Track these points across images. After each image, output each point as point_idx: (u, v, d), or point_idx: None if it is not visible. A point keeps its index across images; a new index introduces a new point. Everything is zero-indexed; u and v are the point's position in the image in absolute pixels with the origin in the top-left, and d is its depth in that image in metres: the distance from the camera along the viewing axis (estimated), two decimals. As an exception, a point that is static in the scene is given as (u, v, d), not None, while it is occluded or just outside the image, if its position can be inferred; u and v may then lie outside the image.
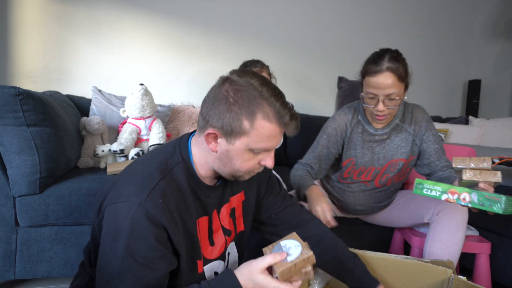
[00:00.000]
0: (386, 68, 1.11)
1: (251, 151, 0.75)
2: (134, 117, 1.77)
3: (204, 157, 0.79)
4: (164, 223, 0.70)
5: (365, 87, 1.19)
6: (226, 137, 0.73)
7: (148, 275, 0.68)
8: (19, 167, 1.24)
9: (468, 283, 0.88)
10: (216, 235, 0.87)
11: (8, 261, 1.29)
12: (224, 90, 0.73)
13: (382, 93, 1.14)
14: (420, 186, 1.02)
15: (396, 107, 1.17)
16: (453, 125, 2.47)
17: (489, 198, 0.87)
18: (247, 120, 0.71)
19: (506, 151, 1.86)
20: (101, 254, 0.72)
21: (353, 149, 1.32)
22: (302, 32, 2.68)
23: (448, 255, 1.17)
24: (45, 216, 1.29)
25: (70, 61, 2.18)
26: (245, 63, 1.64)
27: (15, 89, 1.20)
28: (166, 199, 0.72)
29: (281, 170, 2.06)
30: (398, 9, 2.93)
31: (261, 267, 0.71)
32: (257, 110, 0.71)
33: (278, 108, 0.72)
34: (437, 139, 1.30)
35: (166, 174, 0.75)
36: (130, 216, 0.68)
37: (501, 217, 1.50)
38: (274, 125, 0.73)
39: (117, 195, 0.72)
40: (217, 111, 0.72)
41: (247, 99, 0.71)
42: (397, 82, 1.12)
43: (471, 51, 3.20)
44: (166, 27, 2.36)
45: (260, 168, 0.81)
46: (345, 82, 2.54)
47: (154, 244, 0.69)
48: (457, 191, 0.94)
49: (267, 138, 0.74)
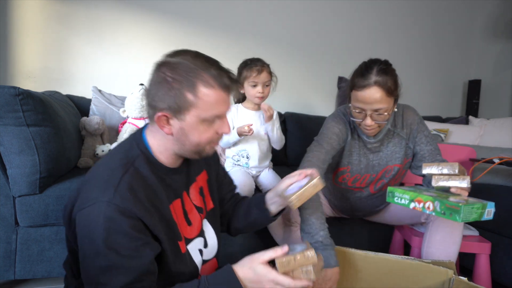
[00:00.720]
0: (373, 82, 1.06)
1: (205, 122, 0.77)
2: (134, 117, 1.77)
3: (163, 144, 0.81)
4: (137, 213, 0.71)
5: (352, 101, 1.14)
6: (176, 115, 0.75)
7: (136, 263, 0.69)
8: (19, 167, 1.24)
9: (469, 284, 0.88)
10: (191, 214, 0.90)
11: (8, 261, 1.29)
12: (161, 73, 0.75)
13: (370, 107, 1.09)
14: (391, 195, 1.03)
15: (384, 122, 1.13)
16: (453, 125, 2.47)
17: (450, 207, 0.88)
18: (189, 93, 0.74)
19: (506, 151, 1.86)
20: (83, 260, 0.72)
21: (351, 156, 1.28)
22: (302, 32, 2.68)
23: (446, 255, 1.17)
24: (45, 216, 1.29)
25: (70, 61, 2.18)
26: (245, 62, 1.63)
27: (15, 89, 1.20)
28: (134, 191, 0.73)
29: (281, 170, 2.06)
30: (398, 9, 2.93)
31: (262, 258, 0.73)
32: (196, 80, 0.74)
33: (215, 73, 0.75)
34: (430, 140, 1.26)
35: (128, 168, 0.76)
36: (102, 215, 0.68)
37: (501, 217, 1.50)
38: (217, 90, 0.76)
39: (84, 200, 0.72)
40: (160, 94, 0.75)
41: (184, 73, 0.74)
42: (385, 97, 1.07)
43: (471, 51, 3.20)
44: (166, 27, 2.36)
45: (220, 138, 0.84)
46: (345, 82, 2.54)
47: (133, 234, 0.70)
48: (423, 200, 0.95)
49: (215, 105, 0.76)
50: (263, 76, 1.57)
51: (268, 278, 0.72)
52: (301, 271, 0.75)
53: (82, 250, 0.72)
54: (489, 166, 1.64)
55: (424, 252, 1.22)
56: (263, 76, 1.57)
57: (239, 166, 1.69)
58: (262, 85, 1.58)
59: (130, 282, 0.69)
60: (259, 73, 1.57)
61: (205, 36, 2.44)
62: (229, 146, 1.69)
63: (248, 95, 1.65)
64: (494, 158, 1.58)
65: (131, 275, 0.69)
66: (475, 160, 1.66)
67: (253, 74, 1.56)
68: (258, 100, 1.64)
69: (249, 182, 1.57)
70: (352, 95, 1.13)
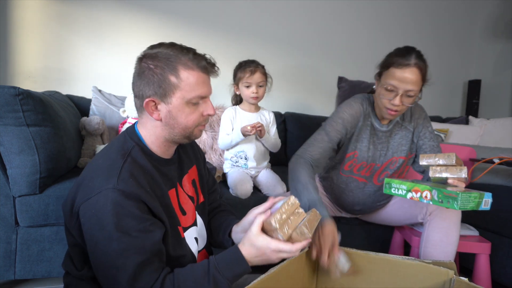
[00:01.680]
0: (414, 64, 1.11)
1: (190, 104, 0.82)
2: (134, 117, 1.77)
3: (153, 133, 0.85)
4: (142, 197, 0.74)
5: (386, 79, 1.16)
6: (163, 99, 0.80)
7: (147, 242, 0.72)
8: (19, 167, 1.24)
9: (470, 284, 0.88)
10: (185, 204, 0.93)
11: (8, 261, 1.29)
12: (143, 63, 0.80)
13: (404, 87, 1.12)
14: (388, 186, 1.03)
15: (409, 105, 1.17)
16: (453, 125, 2.47)
17: (447, 195, 0.88)
18: (172, 76, 0.79)
19: (506, 151, 1.86)
20: (94, 248, 0.73)
21: (360, 141, 1.29)
22: (302, 32, 2.68)
23: (443, 255, 1.17)
24: (45, 216, 1.29)
25: (70, 61, 2.18)
26: (240, 63, 1.69)
27: (15, 89, 1.19)
28: (136, 177, 0.76)
29: (281, 170, 2.06)
30: (398, 9, 2.93)
31: (255, 230, 0.77)
32: (177, 64, 0.79)
33: (193, 57, 0.80)
34: (434, 136, 1.30)
35: (126, 157, 0.79)
36: (109, 202, 0.71)
37: (501, 217, 1.50)
38: (197, 71, 0.81)
39: (88, 191, 0.74)
40: (145, 83, 0.80)
41: (164, 59, 0.79)
42: (419, 80, 1.13)
43: (471, 51, 3.20)
44: (166, 27, 2.36)
45: (206, 120, 0.88)
46: (345, 82, 2.54)
47: (141, 215, 0.73)
48: (420, 189, 0.94)
49: (196, 85, 0.81)
50: (256, 76, 1.61)
51: (270, 248, 0.75)
52: (297, 234, 0.77)
53: (92, 239, 0.73)
54: (489, 166, 1.64)
55: (422, 253, 1.22)
56: (256, 76, 1.61)
57: (238, 167, 1.70)
58: (255, 85, 1.62)
59: (143, 261, 0.71)
60: (252, 74, 1.61)
61: (205, 36, 2.44)
62: (229, 148, 1.70)
63: (243, 96, 1.68)
64: (494, 158, 1.58)
65: (144, 255, 0.71)
66: (475, 160, 1.66)
67: (246, 75, 1.61)
68: (253, 101, 1.66)
69: (248, 182, 1.58)
70: (389, 72, 1.15)
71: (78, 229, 0.77)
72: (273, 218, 0.75)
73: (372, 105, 1.30)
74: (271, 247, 0.75)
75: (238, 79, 1.65)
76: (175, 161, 0.93)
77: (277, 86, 1.74)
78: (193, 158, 1.03)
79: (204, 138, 1.94)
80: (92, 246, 0.74)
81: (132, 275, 0.70)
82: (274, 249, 0.75)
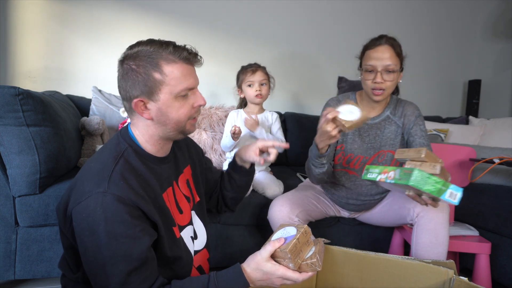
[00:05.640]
0: (385, 42, 1.26)
1: (178, 97, 0.81)
2: (134, 117, 1.77)
3: (146, 132, 0.84)
4: (133, 200, 0.73)
5: (364, 61, 1.29)
6: (150, 97, 0.79)
7: (135, 249, 0.71)
8: (19, 167, 1.24)
9: (469, 284, 0.88)
10: (182, 203, 0.94)
11: (8, 261, 1.29)
12: (125, 65, 0.81)
13: (381, 63, 1.23)
14: (366, 171, 1.05)
15: (392, 81, 1.24)
16: (453, 125, 2.47)
17: (406, 173, 0.89)
18: (156, 72, 0.78)
19: (506, 151, 1.86)
20: (84, 252, 0.73)
21: (346, 133, 1.34)
22: (302, 32, 2.68)
23: (434, 256, 1.16)
24: (45, 216, 1.29)
25: (70, 61, 2.18)
26: (242, 67, 1.76)
27: (15, 89, 1.19)
28: (127, 180, 0.75)
29: (281, 170, 2.06)
30: (398, 9, 2.93)
31: (265, 256, 0.77)
32: (158, 60, 0.78)
33: (173, 50, 0.80)
34: (425, 135, 1.31)
35: (119, 159, 0.79)
36: (99, 206, 0.70)
37: (501, 217, 1.50)
38: (180, 63, 0.80)
39: (79, 195, 0.73)
40: (130, 83, 0.80)
41: (145, 58, 0.79)
42: (394, 56, 1.24)
43: (471, 51, 3.19)
44: (166, 27, 2.36)
45: (198, 111, 0.88)
46: (345, 82, 2.54)
47: (131, 221, 0.71)
48: (388, 170, 0.96)
49: (182, 78, 0.80)
50: (258, 75, 1.64)
51: (276, 275, 0.76)
52: (307, 264, 0.78)
53: (83, 244, 0.72)
54: (489, 166, 1.64)
55: (413, 255, 1.21)
56: (257, 75, 1.64)
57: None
58: (258, 83, 1.65)
59: (131, 270, 0.70)
60: (253, 72, 1.65)
61: (205, 36, 2.44)
62: (229, 150, 1.71)
63: (248, 97, 1.69)
64: (494, 158, 1.58)
65: (131, 264, 0.70)
66: (475, 160, 1.66)
67: (248, 74, 1.65)
68: (257, 100, 1.67)
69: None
70: (365, 56, 1.30)
71: (71, 233, 0.77)
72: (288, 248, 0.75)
73: (356, 99, 1.38)
74: (278, 273, 0.76)
75: (241, 81, 1.68)
76: (171, 159, 0.93)
77: (277, 86, 1.74)
78: (188, 158, 1.03)
79: (204, 138, 1.94)
80: (82, 250, 0.73)
81: (120, 284, 0.69)
82: (280, 276, 0.76)
